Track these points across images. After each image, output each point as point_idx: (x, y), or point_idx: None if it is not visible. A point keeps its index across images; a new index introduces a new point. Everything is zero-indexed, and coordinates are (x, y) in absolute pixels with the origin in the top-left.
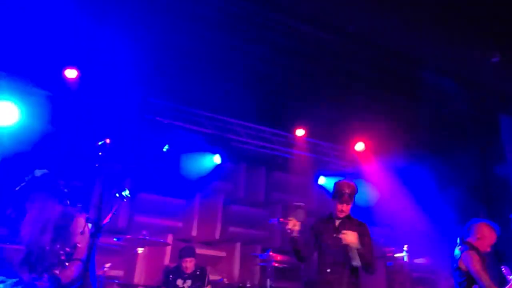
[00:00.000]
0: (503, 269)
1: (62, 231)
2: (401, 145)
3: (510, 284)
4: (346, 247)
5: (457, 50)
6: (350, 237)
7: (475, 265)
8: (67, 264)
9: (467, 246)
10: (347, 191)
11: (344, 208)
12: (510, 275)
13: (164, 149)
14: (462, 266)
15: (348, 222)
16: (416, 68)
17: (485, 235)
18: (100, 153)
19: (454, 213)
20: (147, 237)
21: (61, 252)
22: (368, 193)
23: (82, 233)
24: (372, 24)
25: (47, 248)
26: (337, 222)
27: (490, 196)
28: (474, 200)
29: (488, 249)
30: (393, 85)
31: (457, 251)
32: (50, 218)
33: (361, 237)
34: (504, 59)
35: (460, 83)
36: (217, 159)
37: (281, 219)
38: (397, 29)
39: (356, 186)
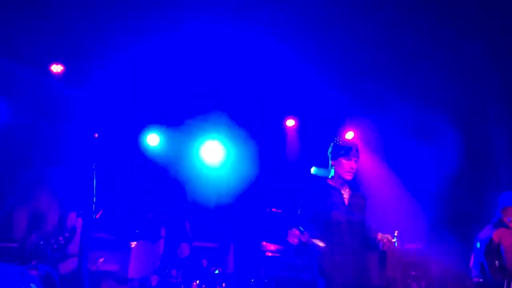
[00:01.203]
0: None
1: (55, 226)
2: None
3: None
4: (362, 223)
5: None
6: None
7: (508, 242)
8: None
9: (504, 223)
10: (353, 146)
11: (354, 166)
12: None
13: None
14: (496, 239)
15: (355, 195)
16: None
17: None
18: (92, 148)
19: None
20: (139, 231)
21: (55, 246)
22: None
23: (74, 228)
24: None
25: (41, 242)
26: (344, 194)
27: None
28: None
29: None
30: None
31: (490, 225)
32: (44, 214)
33: (364, 211)
34: None
35: None
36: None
37: (273, 209)
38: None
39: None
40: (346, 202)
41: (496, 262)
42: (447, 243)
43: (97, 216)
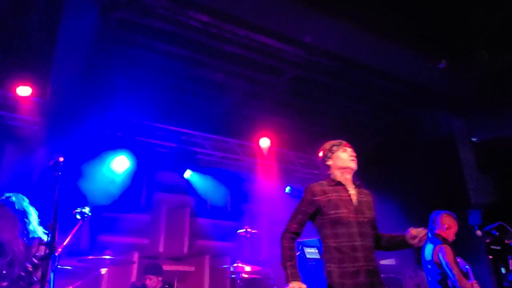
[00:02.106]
0: (459, 260)
1: (19, 254)
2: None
3: (472, 279)
4: (372, 221)
5: (404, 56)
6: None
7: (449, 259)
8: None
9: (439, 240)
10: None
11: (353, 153)
12: (466, 265)
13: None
14: (436, 259)
15: (361, 192)
16: (368, 74)
17: (451, 225)
18: (55, 173)
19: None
20: (111, 257)
21: (22, 273)
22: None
23: (36, 256)
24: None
25: (3, 272)
26: (350, 190)
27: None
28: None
29: (454, 238)
30: (356, 93)
31: (430, 245)
32: (8, 242)
33: (373, 209)
34: (451, 65)
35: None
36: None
37: (248, 229)
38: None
39: None
40: (355, 200)
41: (448, 281)
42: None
43: (66, 243)
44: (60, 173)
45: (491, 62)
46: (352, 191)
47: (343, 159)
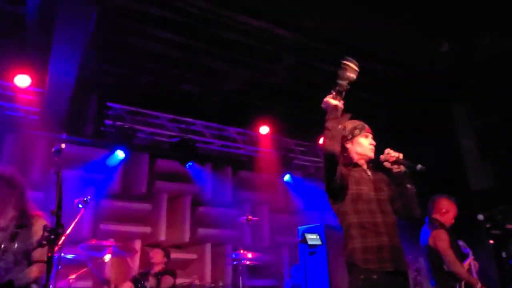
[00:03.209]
0: (460, 243)
1: (22, 230)
2: None
3: (469, 258)
4: (391, 199)
5: (405, 40)
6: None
7: (443, 244)
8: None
9: (436, 225)
10: (363, 123)
11: (373, 142)
12: (466, 249)
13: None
14: (432, 244)
15: (379, 173)
16: (368, 59)
17: (449, 209)
18: (56, 159)
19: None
20: (113, 245)
21: (20, 251)
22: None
23: (43, 237)
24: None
25: (2, 246)
26: (368, 171)
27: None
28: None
29: (453, 222)
30: (356, 80)
31: (426, 230)
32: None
33: (390, 186)
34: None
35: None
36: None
37: (249, 217)
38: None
39: None
40: (373, 178)
41: (444, 267)
42: None
43: (69, 231)
44: (62, 160)
45: (494, 46)
46: (369, 171)
47: (364, 146)
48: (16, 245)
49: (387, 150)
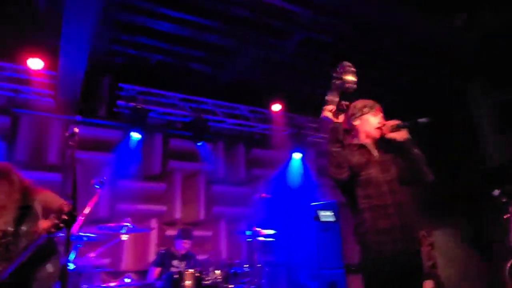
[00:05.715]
0: None
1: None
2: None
3: None
4: (399, 177)
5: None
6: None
7: None
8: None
9: None
10: (374, 101)
11: (381, 121)
12: None
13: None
14: None
15: (384, 154)
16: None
17: None
18: (71, 143)
19: None
20: (130, 224)
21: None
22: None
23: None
24: None
25: (10, 229)
26: (374, 152)
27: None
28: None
29: None
30: (365, 58)
31: None
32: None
33: (398, 166)
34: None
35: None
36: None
37: (263, 195)
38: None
39: None
40: (380, 160)
41: None
42: None
43: (87, 212)
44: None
45: (509, 19)
46: (375, 152)
47: (370, 125)
48: (24, 228)
49: (383, 122)
